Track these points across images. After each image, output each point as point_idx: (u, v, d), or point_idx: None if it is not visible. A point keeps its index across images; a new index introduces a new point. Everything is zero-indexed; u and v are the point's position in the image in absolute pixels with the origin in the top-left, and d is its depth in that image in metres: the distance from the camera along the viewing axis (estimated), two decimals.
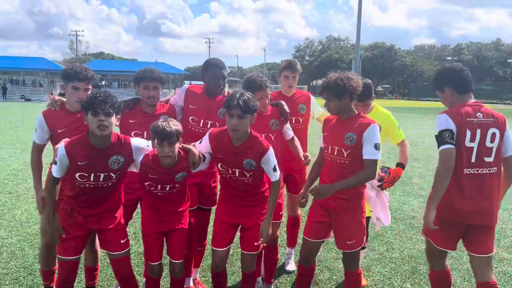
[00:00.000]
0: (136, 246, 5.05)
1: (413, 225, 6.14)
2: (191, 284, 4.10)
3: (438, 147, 3.16)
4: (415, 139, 15.40)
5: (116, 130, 3.29)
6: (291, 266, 4.64)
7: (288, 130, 3.95)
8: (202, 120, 3.76)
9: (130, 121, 3.68)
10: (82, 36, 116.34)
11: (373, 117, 3.48)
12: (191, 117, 3.81)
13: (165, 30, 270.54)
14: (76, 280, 3.99)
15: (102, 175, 3.12)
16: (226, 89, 3.96)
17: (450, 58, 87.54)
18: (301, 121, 4.34)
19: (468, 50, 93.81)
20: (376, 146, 3.20)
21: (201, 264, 4.37)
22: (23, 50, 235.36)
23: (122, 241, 3.31)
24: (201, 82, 3.96)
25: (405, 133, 4.29)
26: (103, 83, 68.82)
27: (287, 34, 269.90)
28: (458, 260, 4.94)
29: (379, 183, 3.88)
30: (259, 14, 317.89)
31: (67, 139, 3.14)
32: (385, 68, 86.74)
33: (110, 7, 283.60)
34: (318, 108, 4.48)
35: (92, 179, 3.11)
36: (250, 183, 3.36)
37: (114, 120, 3.06)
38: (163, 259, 3.55)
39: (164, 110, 3.76)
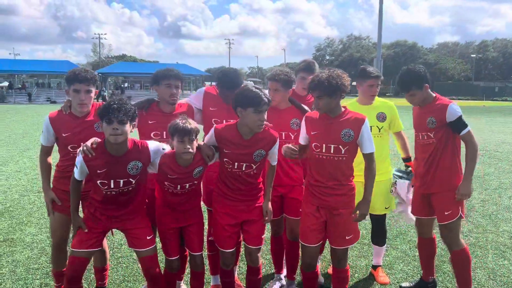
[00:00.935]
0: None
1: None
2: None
3: (462, 130, 3.62)
4: None
5: (134, 133, 3.37)
6: None
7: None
8: (224, 121, 3.71)
9: (149, 122, 3.69)
10: (105, 39, 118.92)
11: (380, 105, 4.22)
12: (213, 119, 3.81)
13: (186, 32, 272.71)
14: (87, 281, 4.18)
15: (121, 181, 3.19)
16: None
17: (474, 55, 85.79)
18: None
19: (494, 47, 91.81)
20: (371, 139, 3.36)
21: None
22: (49, 54, 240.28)
23: (148, 238, 3.37)
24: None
25: None
26: (126, 85, 69.94)
27: (307, 34, 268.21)
28: (482, 259, 4.88)
29: (410, 175, 4.14)
30: (279, 15, 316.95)
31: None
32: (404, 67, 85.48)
33: (131, 10, 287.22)
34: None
35: (112, 186, 3.18)
36: (253, 175, 3.44)
37: (128, 127, 3.09)
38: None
39: (183, 110, 3.76)
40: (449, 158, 3.71)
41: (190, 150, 3.19)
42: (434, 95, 3.77)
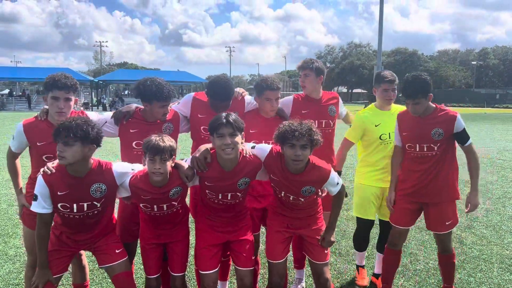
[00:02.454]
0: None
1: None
2: None
3: (466, 141, 3.63)
4: None
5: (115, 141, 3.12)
6: None
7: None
8: None
9: (131, 130, 3.46)
10: (106, 46, 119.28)
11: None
12: (202, 127, 3.59)
13: (187, 39, 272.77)
14: None
15: (85, 204, 2.94)
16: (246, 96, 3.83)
17: (475, 62, 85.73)
18: (331, 125, 4.00)
19: (494, 54, 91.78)
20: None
21: None
22: (50, 61, 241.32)
23: (117, 251, 3.14)
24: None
25: None
26: (126, 92, 69.92)
27: (308, 42, 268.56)
28: (487, 274, 4.63)
29: None
30: (279, 22, 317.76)
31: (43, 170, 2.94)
32: (408, 74, 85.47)
33: (133, 18, 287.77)
34: (343, 108, 4.28)
35: (75, 210, 2.94)
36: (240, 201, 3.24)
37: (79, 148, 2.79)
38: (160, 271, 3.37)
39: (168, 118, 3.53)
40: (448, 168, 3.68)
41: (161, 171, 2.91)
42: (433, 105, 3.66)
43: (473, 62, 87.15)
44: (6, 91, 60.29)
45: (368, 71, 79.36)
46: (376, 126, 4.03)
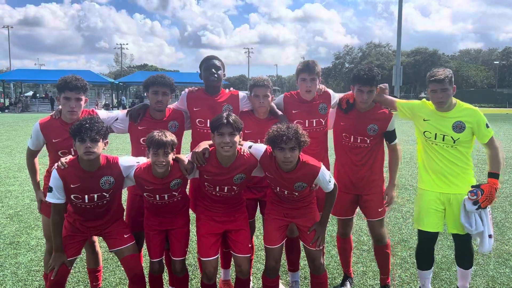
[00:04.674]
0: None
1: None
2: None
3: (394, 140, 3.98)
4: None
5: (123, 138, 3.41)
6: None
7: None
8: (208, 120, 3.67)
9: (139, 128, 3.74)
10: (127, 49, 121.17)
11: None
12: (197, 119, 3.87)
13: (206, 41, 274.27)
14: (84, 283, 4.29)
15: (95, 195, 3.27)
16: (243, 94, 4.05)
17: (497, 62, 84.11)
18: (323, 123, 3.98)
19: None
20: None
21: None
22: (72, 64, 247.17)
23: (125, 236, 3.45)
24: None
25: None
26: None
27: (327, 42, 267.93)
28: (483, 267, 4.78)
29: (475, 206, 3.50)
30: (298, 23, 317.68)
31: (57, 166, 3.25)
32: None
33: (153, 20, 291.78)
34: (336, 97, 4.12)
35: (87, 200, 3.26)
36: (236, 193, 3.50)
37: (101, 145, 3.18)
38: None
39: (173, 116, 3.83)
40: (379, 163, 3.99)
41: (164, 163, 3.22)
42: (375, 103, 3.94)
43: (495, 62, 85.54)
44: (30, 93, 61.86)
45: (387, 71, 78.64)
46: (424, 120, 3.74)
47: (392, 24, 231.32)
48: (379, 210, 4.00)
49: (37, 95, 57.55)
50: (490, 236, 3.62)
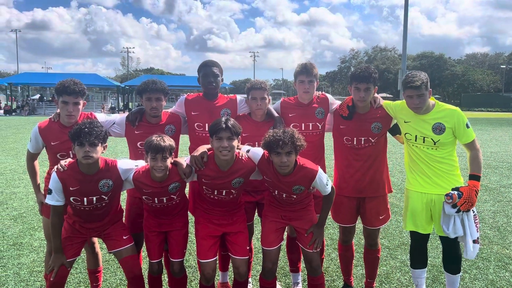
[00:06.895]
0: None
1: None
2: None
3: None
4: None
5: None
6: None
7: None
8: (206, 124, 3.76)
9: (136, 132, 3.78)
10: (133, 52, 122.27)
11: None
12: (196, 124, 3.91)
13: (212, 45, 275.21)
14: (85, 284, 4.32)
15: (94, 198, 3.31)
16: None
17: (504, 66, 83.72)
18: (319, 127, 3.99)
19: None
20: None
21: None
22: (79, 67, 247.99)
23: (124, 237, 3.49)
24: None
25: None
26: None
27: (333, 46, 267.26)
28: (483, 270, 4.78)
29: (454, 210, 3.43)
30: (303, 27, 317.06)
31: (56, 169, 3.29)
32: (434, 78, 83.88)
33: (159, 24, 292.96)
34: (335, 102, 4.13)
35: (85, 203, 3.30)
36: (234, 197, 3.53)
37: (100, 149, 3.22)
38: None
39: (170, 120, 3.88)
40: (383, 163, 3.96)
41: (162, 168, 3.26)
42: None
43: (502, 66, 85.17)
44: (37, 96, 62.35)
45: (393, 76, 78.53)
46: (405, 122, 3.73)
47: (398, 28, 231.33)
48: (380, 218, 3.97)
49: (44, 98, 58.03)
50: (475, 241, 3.53)
